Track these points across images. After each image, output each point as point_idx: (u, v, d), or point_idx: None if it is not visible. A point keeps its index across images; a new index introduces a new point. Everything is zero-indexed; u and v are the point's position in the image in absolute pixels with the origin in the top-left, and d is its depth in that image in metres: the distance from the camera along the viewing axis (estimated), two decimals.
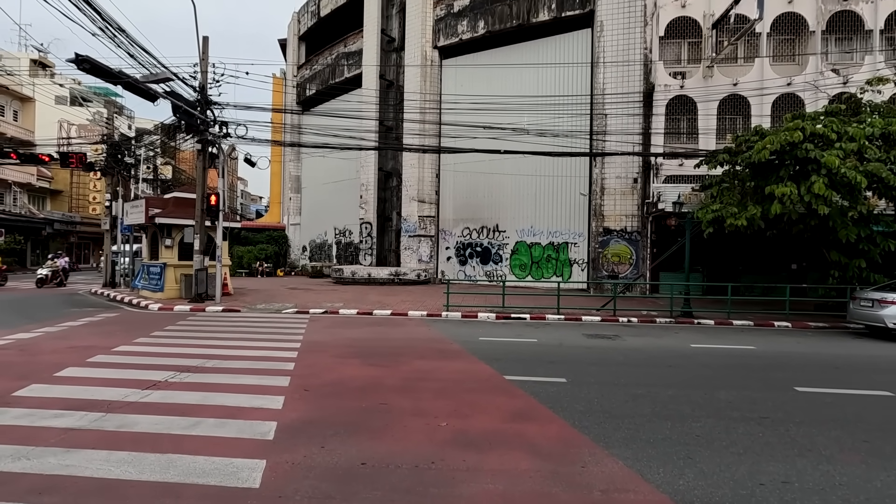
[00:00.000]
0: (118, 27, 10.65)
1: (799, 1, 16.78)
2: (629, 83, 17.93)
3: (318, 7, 30.06)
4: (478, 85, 21.28)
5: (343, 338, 9.39)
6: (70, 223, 38.29)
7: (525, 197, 20.98)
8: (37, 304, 14.34)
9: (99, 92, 43.59)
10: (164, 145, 36.38)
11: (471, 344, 8.89)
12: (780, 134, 11.32)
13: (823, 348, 9.26)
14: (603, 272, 18.33)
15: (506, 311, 12.97)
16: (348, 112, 21.12)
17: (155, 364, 6.86)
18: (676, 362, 7.68)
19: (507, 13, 20.89)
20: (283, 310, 13.26)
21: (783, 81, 16.48)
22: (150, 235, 17.06)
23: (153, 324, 10.70)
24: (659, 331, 11.14)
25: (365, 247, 25.35)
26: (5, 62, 34.20)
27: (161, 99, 12.27)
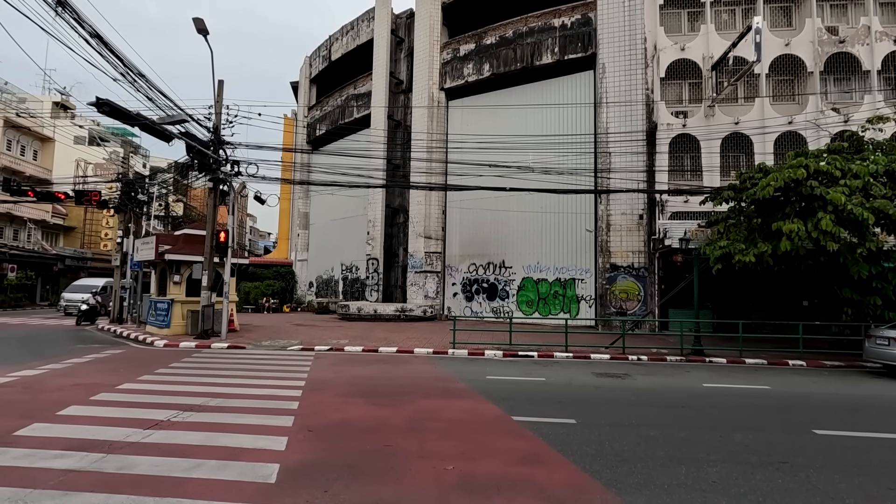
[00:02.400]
0: (138, 72, 11.12)
1: (796, 43, 17.26)
2: (632, 122, 18.28)
3: (329, 52, 31.31)
4: (483, 124, 21.79)
5: (348, 376, 9.27)
6: (81, 259, 38.75)
7: (531, 233, 21.06)
8: (43, 340, 14.35)
9: (116, 132, 45.06)
10: (176, 183, 37.21)
11: (478, 383, 8.74)
12: (784, 171, 11.41)
13: (841, 388, 9.00)
14: (611, 309, 18.14)
15: (513, 348, 12.79)
16: (357, 151, 21.59)
17: (158, 402, 6.78)
18: (689, 402, 7.48)
19: (512, 56, 21.61)
20: (289, 346, 13.17)
21: (784, 120, 16.73)
22: (158, 272, 17.21)
23: (158, 361, 10.64)
24: (670, 369, 10.91)
25: (371, 283, 25.37)
26: (29, 105, 35.61)
27: (176, 139, 12.66)
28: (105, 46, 10.00)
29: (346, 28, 29.76)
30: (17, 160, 33.81)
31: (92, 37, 9.54)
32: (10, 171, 32.12)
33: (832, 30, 17.44)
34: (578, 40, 20.09)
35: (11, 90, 37.03)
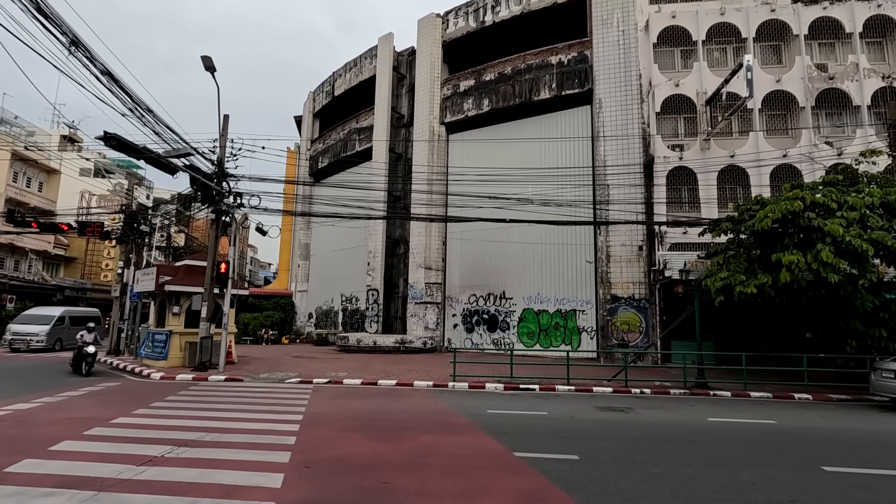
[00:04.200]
0: (146, 108, 11.40)
1: (787, 80, 17.73)
2: (629, 155, 18.59)
3: (332, 87, 32.16)
4: (483, 157, 22.14)
5: (346, 409, 9.11)
6: (81, 290, 38.66)
7: (531, 264, 21.09)
8: (39, 372, 14.18)
9: (122, 164, 45.76)
10: (178, 214, 37.56)
11: (478, 417, 8.58)
12: (781, 203, 11.53)
13: (848, 423, 8.83)
14: (612, 340, 17.98)
15: (514, 381, 12.62)
16: (358, 183, 21.90)
17: (152, 437, 6.65)
18: (694, 437, 7.33)
19: (511, 92, 22.18)
20: (287, 379, 12.99)
21: (779, 153, 17.01)
22: (158, 302, 17.15)
23: (154, 394, 10.48)
24: (673, 403, 10.73)
25: (371, 314, 25.23)
26: (38, 138, 36.33)
27: (180, 171, 12.87)
28: (115, 83, 10.29)
29: (350, 65, 30.66)
30: (23, 191, 34.22)
31: (103, 74, 9.83)
32: (15, 202, 32.45)
33: (821, 67, 17.95)
34: (575, 76, 20.66)
35: (21, 124, 37.85)
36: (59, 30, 8.59)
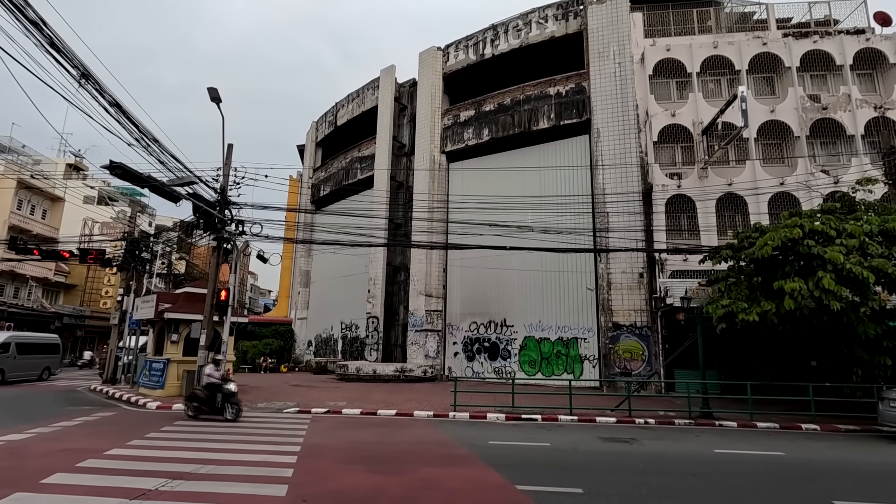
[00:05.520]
0: (153, 138, 11.61)
1: (781, 110, 18.08)
2: (628, 183, 18.78)
3: (335, 117, 32.78)
4: (483, 185, 22.36)
5: (345, 440, 8.94)
6: (79, 317, 38.48)
7: (532, 292, 21.02)
8: (33, 402, 13.97)
9: (125, 192, 46.24)
10: (180, 241, 37.72)
11: (480, 448, 8.41)
12: (780, 231, 11.59)
13: (858, 454, 8.64)
14: (615, 369, 17.75)
15: (516, 411, 12.41)
16: (359, 210, 22.06)
17: (147, 470, 6.51)
18: (701, 470, 7.16)
19: (510, 122, 22.59)
20: (285, 409, 12.79)
21: (776, 181, 17.20)
22: (157, 330, 17.05)
23: (150, 424, 10.31)
24: (678, 433, 10.53)
25: (371, 341, 25.01)
26: (44, 166, 36.84)
27: (184, 199, 12.98)
28: (123, 113, 10.51)
29: (352, 95, 31.33)
30: (26, 219, 34.46)
31: (111, 105, 10.05)
32: (18, 229, 32.65)
33: (814, 98, 18.33)
34: (573, 107, 21.07)
35: (28, 153, 38.42)
36: (70, 63, 8.83)
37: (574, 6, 21.71)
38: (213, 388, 11.11)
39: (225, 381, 11.13)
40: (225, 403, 10.91)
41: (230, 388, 11.06)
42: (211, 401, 11.00)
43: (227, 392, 10.98)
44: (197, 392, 11.31)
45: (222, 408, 10.89)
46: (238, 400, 11.16)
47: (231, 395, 10.97)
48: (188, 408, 11.36)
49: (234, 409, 10.94)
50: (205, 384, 11.33)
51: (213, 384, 11.16)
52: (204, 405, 11.06)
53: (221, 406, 10.91)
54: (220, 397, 10.94)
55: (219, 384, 11.08)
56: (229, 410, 10.87)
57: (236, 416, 10.90)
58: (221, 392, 10.97)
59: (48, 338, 22.81)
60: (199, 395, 11.20)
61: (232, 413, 10.86)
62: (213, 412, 10.97)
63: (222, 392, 10.97)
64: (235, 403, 11.01)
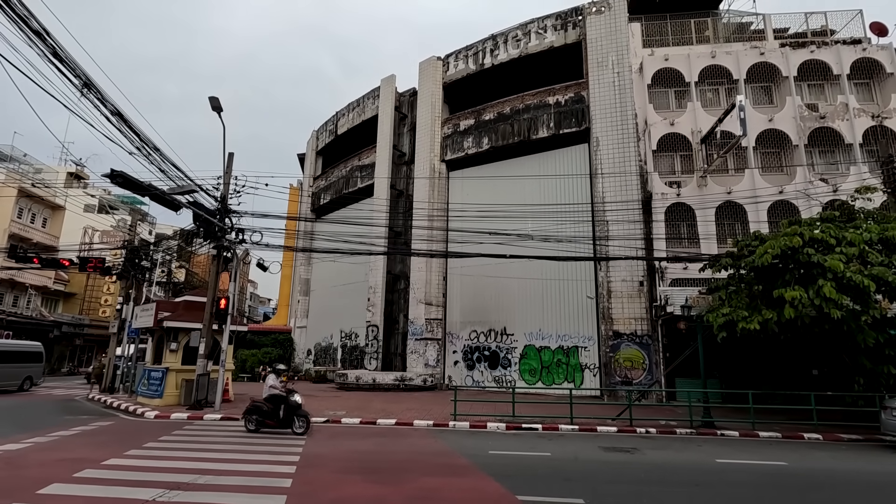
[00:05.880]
0: (153, 147, 11.66)
1: (779, 119, 18.18)
2: (628, 192, 18.82)
3: (335, 126, 32.94)
4: (483, 194, 22.42)
5: (344, 450, 8.87)
6: (78, 326, 38.39)
7: (532, 300, 20.99)
8: (31, 412, 13.89)
9: (126, 201, 46.33)
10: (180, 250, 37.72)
11: (480, 458, 8.35)
12: (780, 239, 11.60)
13: (861, 465, 8.57)
14: (615, 377, 17.67)
15: (516, 420, 12.34)
16: (360, 219, 22.09)
17: (144, 480, 6.46)
18: (703, 480, 7.10)
19: (510, 131, 22.70)
20: None
21: (775, 190, 17.24)
22: (155, 339, 16.99)
23: (148, 434, 10.24)
24: (680, 443, 10.45)
25: (371, 350, 24.92)
26: (45, 175, 36.94)
27: (184, 208, 13.02)
28: (124, 122, 10.56)
29: (353, 105, 31.51)
30: (27, 227, 34.51)
31: (113, 114, 10.10)
32: (18, 237, 32.67)
33: (812, 107, 18.44)
34: (573, 116, 21.19)
35: (30, 161, 38.57)
36: (72, 72, 8.89)
37: (573, 17, 21.91)
38: (277, 401, 10.47)
39: (289, 392, 10.53)
40: (292, 416, 10.33)
41: (296, 399, 10.44)
42: (275, 413, 10.39)
43: (294, 404, 10.38)
44: (258, 404, 10.57)
45: (288, 421, 10.33)
46: (306, 412, 10.59)
47: (297, 407, 10.41)
48: (248, 421, 10.65)
49: (303, 421, 10.35)
50: (267, 396, 10.59)
51: (277, 396, 10.52)
52: (268, 418, 10.43)
53: (287, 419, 10.33)
54: (286, 410, 10.36)
55: (283, 396, 10.47)
56: (297, 424, 10.30)
57: (306, 429, 10.29)
58: (287, 404, 10.37)
59: (29, 345, 21.32)
60: (261, 408, 10.51)
61: (301, 426, 10.26)
62: (278, 425, 10.39)
63: (288, 404, 10.37)
64: (303, 416, 10.41)
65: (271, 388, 10.64)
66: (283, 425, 10.37)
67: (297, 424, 10.30)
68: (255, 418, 10.55)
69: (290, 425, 10.32)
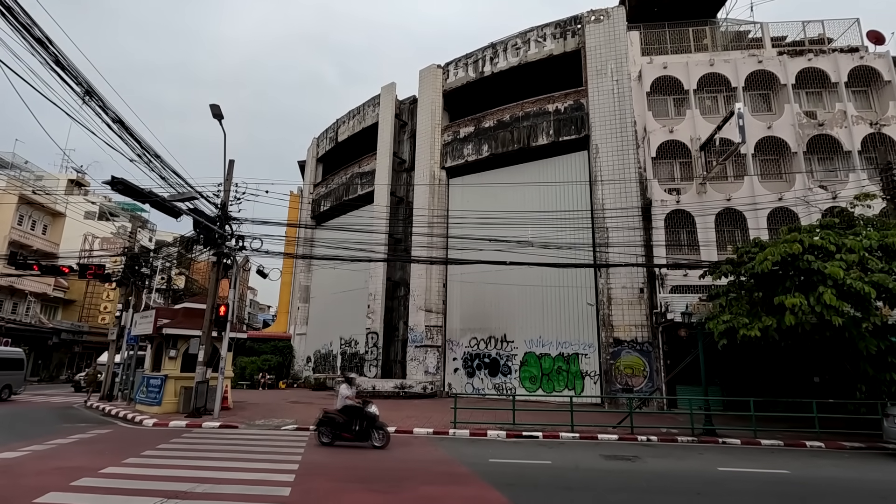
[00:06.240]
0: (154, 154, 11.70)
1: (777, 126, 18.25)
2: (627, 199, 18.85)
3: (336, 134, 33.07)
4: (483, 201, 22.46)
5: (344, 458, 8.81)
6: (77, 333, 38.31)
7: (532, 307, 20.96)
8: (29, 419, 13.81)
9: (126, 207, 46.40)
10: (180, 257, 37.72)
11: (480, 466, 8.29)
12: (780, 246, 11.60)
13: (863, 473, 8.51)
14: (616, 385, 17.60)
15: (517, 428, 12.27)
16: (360, 226, 22.12)
17: (141, 489, 6.41)
18: (705, 489, 7.05)
19: (509, 138, 22.78)
20: (283, 426, 12.65)
21: (774, 197, 17.27)
22: (154, 346, 16.94)
23: (146, 442, 10.18)
24: (681, 451, 10.39)
25: (370, 357, 24.85)
26: (45, 182, 37.04)
27: (184, 215, 13.03)
28: (125, 130, 10.60)
29: (353, 112, 31.66)
30: (27, 234, 34.54)
31: (114, 122, 10.15)
32: (18, 244, 32.71)
33: (810, 114, 18.52)
34: (572, 123, 21.28)
35: (31, 168, 38.68)
36: (74, 80, 8.94)
37: (572, 25, 22.07)
38: (352, 412, 9.99)
39: (365, 403, 10.10)
40: (370, 429, 9.83)
41: (373, 410, 9.93)
42: (350, 425, 9.91)
43: (371, 415, 9.88)
44: (333, 416, 10.09)
45: (366, 433, 9.83)
46: (384, 424, 10.09)
47: (374, 418, 9.91)
48: (321, 433, 10.17)
49: (382, 434, 9.83)
50: (341, 407, 10.11)
51: (353, 407, 10.04)
52: (343, 430, 9.94)
53: (364, 431, 9.83)
54: (363, 422, 9.88)
55: (359, 407, 10.00)
56: (376, 436, 9.78)
57: (385, 442, 9.76)
58: (364, 416, 9.88)
59: (9, 352, 20.41)
60: (335, 420, 10.04)
61: (380, 439, 9.75)
62: (355, 438, 9.89)
63: (365, 416, 9.88)
64: (381, 428, 9.90)
65: (346, 399, 10.13)
66: (360, 438, 9.87)
67: (376, 437, 9.79)
68: (329, 430, 10.06)
69: (368, 438, 9.82)
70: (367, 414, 9.88)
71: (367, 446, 9.76)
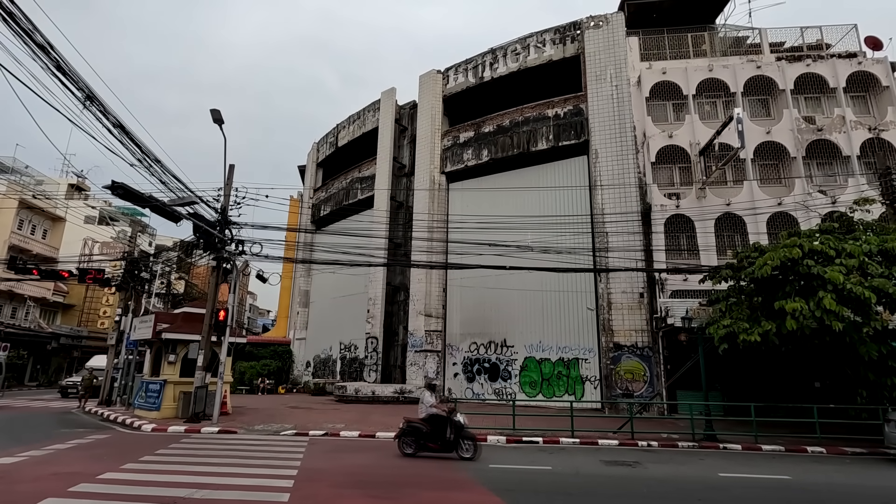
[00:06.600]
0: (155, 158, 11.71)
1: (776, 131, 18.30)
2: (627, 203, 18.87)
3: (336, 138, 33.15)
4: (483, 205, 22.47)
5: (343, 464, 8.77)
6: (76, 337, 38.22)
7: (532, 311, 20.92)
8: (27, 424, 13.76)
9: (126, 212, 46.41)
10: (180, 261, 37.70)
11: (480, 472, 8.25)
12: (780, 250, 11.60)
13: (865, 479, 8.47)
14: (616, 390, 17.54)
15: (517, 433, 12.22)
16: (359, 230, 22.12)
17: (139, 495, 6.38)
18: (706, 495, 7.01)
19: (509, 143, 22.83)
20: (282, 431, 12.59)
21: (773, 201, 17.29)
22: (154, 351, 16.89)
23: (145, 447, 10.13)
24: (682, 456, 10.34)
25: (370, 362, 24.78)
26: (46, 186, 37.07)
27: (184, 219, 13.04)
28: (126, 135, 10.62)
29: (353, 117, 31.74)
30: (27, 239, 34.53)
31: (115, 126, 10.17)
32: (18, 249, 32.68)
33: (809, 119, 18.58)
34: (571, 128, 21.33)
35: (31, 173, 38.71)
36: (75, 85, 8.97)
37: (571, 31, 22.17)
38: (438, 421, 9.46)
39: (451, 411, 9.46)
40: (458, 439, 9.30)
41: (460, 419, 9.38)
42: (437, 435, 9.38)
43: (459, 425, 9.34)
44: (417, 426, 9.55)
45: (454, 443, 9.28)
46: (472, 434, 9.59)
47: (462, 427, 9.36)
48: (404, 444, 9.64)
49: (470, 444, 9.31)
50: (426, 416, 9.58)
51: (438, 416, 9.49)
52: (429, 441, 9.41)
53: (453, 441, 9.29)
54: (450, 431, 9.34)
55: (446, 416, 9.42)
56: (464, 447, 9.26)
57: (475, 452, 9.22)
58: (451, 425, 9.33)
59: None
60: (420, 429, 9.50)
61: (469, 450, 9.23)
62: (442, 448, 9.34)
63: (453, 425, 9.32)
64: (470, 438, 9.39)
65: (431, 408, 9.62)
66: (448, 448, 9.32)
67: (464, 448, 9.28)
68: (413, 441, 9.57)
69: (455, 448, 9.30)
70: (454, 423, 9.37)
71: (453, 457, 9.28)
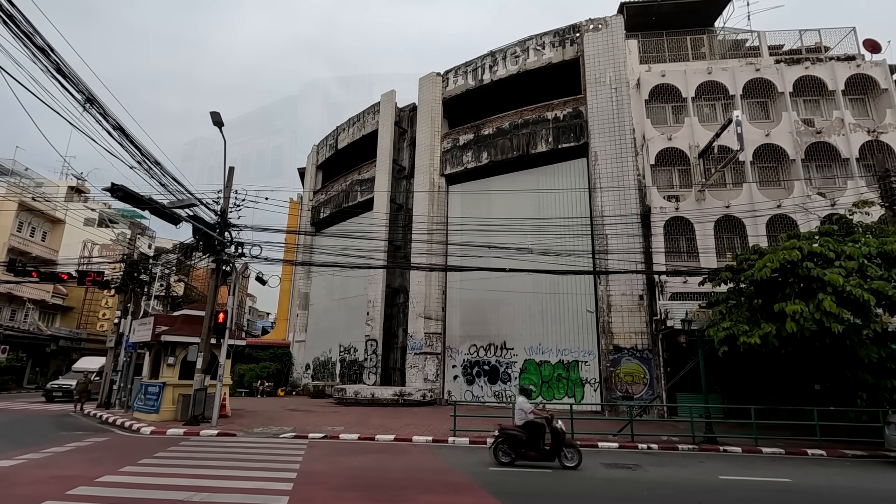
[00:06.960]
0: (154, 161, 11.72)
1: (776, 134, 18.33)
2: (626, 206, 18.88)
3: (336, 141, 33.18)
4: (483, 208, 22.48)
5: (342, 467, 8.75)
6: (75, 340, 38.14)
7: (532, 314, 20.91)
8: (25, 427, 13.72)
9: (126, 214, 46.37)
10: (179, 264, 37.67)
11: (480, 475, 8.23)
12: (779, 253, 11.60)
13: (865, 482, 8.46)
14: (616, 392, 17.52)
15: None
16: (359, 233, 22.12)
17: (138, 497, 6.36)
18: (706, 498, 6.99)
19: (508, 146, 22.85)
20: (281, 434, 12.56)
21: (773, 204, 17.31)
22: (153, 353, 16.86)
23: (143, 450, 10.11)
24: (682, 459, 10.33)
25: (369, 365, 24.75)
26: (45, 189, 37.06)
27: (184, 221, 13.03)
28: (126, 137, 10.63)
29: (353, 120, 31.78)
30: (26, 241, 34.51)
31: (115, 129, 10.18)
32: (18, 251, 32.64)
33: (808, 122, 18.61)
34: (571, 131, 21.35)
35: (31, 175, 38.71)
36: (75, 88, 8.98)
37: (571, 34, 22.22)
38: (535, 428, 9.05)
39: (550, 418, 9.01)
40: (559, 447, 8.87)
41: (560, 426, 8.98)
42: (534, 443, 8.96)
43: (560, 432, 8.93)
44: (514, 433, 9.08)
45: (554, 452, 8.86)
46: (574, 442, 9.27)
47: (562, 434, 8.96)
48: (500, 452, 9.12)
49: (573, 452, 8.84)
50: (523, 423, 9.13)
51: (536, 423, 9.06)
52: (528, 449, 8.97)
53: (553, 449, 8.88)
54: (549, 439, 8.96)
55: (543, 424, 9.00)
56: (566, 455, 8.81)
57: (579, 461, 8.79)
58: (552, 432, 8.93)
59: None
60: (516, 436, 9.03)
61: (573, 458, 8.79)
62: (541, 457, 8.92)
63: (554, 432, 8.91)
64: (572, 445, 8.96)
65: (528, 414, 9.17)
66: (548, 457, 8.90)
67: (567, 456, 8.82)
68: (510, 449, 9.13)
69: (556, 457, 8.86)
70: (554, 430, 8.96)
71: (556, 466, 8.86)
